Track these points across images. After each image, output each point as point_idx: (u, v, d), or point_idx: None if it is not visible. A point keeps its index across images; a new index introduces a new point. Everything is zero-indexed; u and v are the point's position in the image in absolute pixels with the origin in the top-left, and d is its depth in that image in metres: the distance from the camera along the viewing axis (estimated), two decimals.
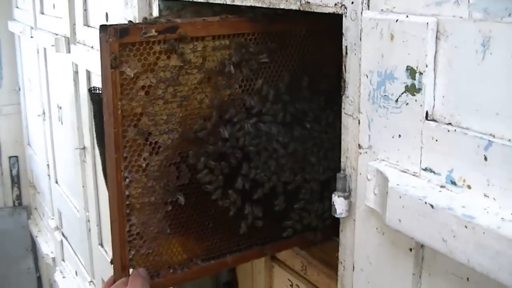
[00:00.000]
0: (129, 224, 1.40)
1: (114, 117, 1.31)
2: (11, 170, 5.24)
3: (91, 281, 3.37)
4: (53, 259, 4.36)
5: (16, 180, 5.28)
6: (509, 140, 0.81)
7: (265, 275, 2.00)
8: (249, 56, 1.45)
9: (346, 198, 1.13)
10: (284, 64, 1.52)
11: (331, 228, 1.53)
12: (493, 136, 0.83)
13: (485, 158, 0.83)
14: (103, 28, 1.27)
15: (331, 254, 1.70)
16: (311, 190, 1.52)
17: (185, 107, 1.40)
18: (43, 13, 3.60)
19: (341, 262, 1.21)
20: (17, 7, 4.50)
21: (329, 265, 1.70)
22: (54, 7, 3.28)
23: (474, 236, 0.80)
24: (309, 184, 1.52)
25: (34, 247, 5.32)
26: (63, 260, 4.08)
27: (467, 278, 0.90)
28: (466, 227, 0.81)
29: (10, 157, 5.21)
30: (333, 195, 1.15)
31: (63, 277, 4.07)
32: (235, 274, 2.27)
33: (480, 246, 0.79)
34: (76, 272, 3.74)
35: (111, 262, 1.44)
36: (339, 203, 1.14)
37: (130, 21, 1.42)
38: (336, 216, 1.15)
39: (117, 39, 1.27)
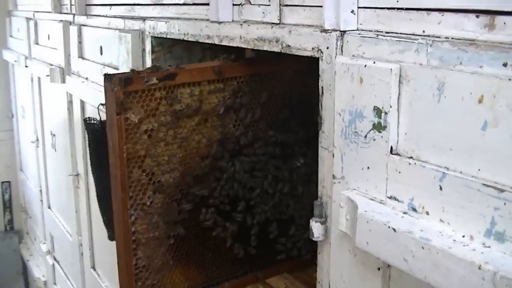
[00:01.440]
0: (136, 258, 1.50)
1: (120, 160, 1.41)
2: (3, 195, 5.30)
3: None
4: (45, 282, 4.42)
5: (8, 205, 5.34)
6: (461, 172, 0.93)
7: None
8: (241, 99, 1.57)
9: (322, 223, 1.25)
10: (274, 101, 1.63)
11: None
12: (447, 168, 0.95)
13: (441, 188, 0.95)
14: (107, 77, 1.37)
15: (312, 276, 1.80)
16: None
17: (185, 148, 1.51)
18: (37, 44, 3.69)
19: (319, 282, 1.32)
20: (11, 36, 4.58)
21: (310, 285, 1.79)
22: (49, 38, 3.38)
23: (430, 256, 0.91)
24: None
25: (25, 271, 5.37)
26: (54, 283, 4.13)
27: None
28: (423, 248, 0.92)
29: (2, 182, 5.27)
30: (311, 220, 1.26)
31: None
32: None
33: (435, 264, 0.90)
34: None
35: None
36: (316, 228, 1.25)
37: (132, 70, 1.53)
38: (313, 239, 1.27)
39: (122, 88, 1.37)
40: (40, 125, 3.93)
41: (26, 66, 3.92)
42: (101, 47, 2.46)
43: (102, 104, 2.18)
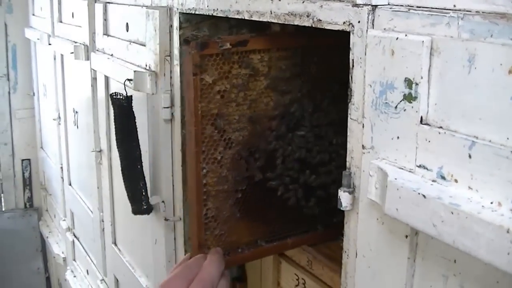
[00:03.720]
0: (206, 208, 1.61)
1: (195, 117, 1.52)
2: (23, 173, 5.36)
3: (103, 279, 3.49)
4: (64, 259, 4.48)
5: (27, 183, 5.40)
6: (490, 141, 0.95)
7: (273, 270, 2.12)
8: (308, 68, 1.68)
9: (350, 193, 1.28)
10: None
11: None
12: (476, 137, 0.97)
13: (469, 156, 0.98)
14: (186, 42, 1.53)
15: (335, 250, 1.84)
16: None
17: (254, 109, 1.62)
18: (61, 22, 3.72)
19: (345, 251, 1.35)
20: (33, 15, 4.62)
21: (333, 259, 1.83)
22: (73, 16, 3.41)
23: (458, 221, 0.94)
24: None
25: (44, 248, 5.44)
26: (74, 259, 4.20)
27: (454, 260, 1.05)
28: (452, 213, 0.95)
29: (22, 160, 5.34)
30: (339, 190, 1.29)
31: (74, 276, 4.18)
32: (245, 270, 2.39)
33: (463, 229, 0.93)
34: (87, 271, 3.86)
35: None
36: (344, 198, 1.28)
37: (206, 35, 1.62)
38: (341, 209, 1.30)
39: (198, 51, 1.48)
40: (62, 103, 3.96)
41: (49, 44, 3.95)
42: (127, 23, 2.49)
43: (128, 80, 2.22)
